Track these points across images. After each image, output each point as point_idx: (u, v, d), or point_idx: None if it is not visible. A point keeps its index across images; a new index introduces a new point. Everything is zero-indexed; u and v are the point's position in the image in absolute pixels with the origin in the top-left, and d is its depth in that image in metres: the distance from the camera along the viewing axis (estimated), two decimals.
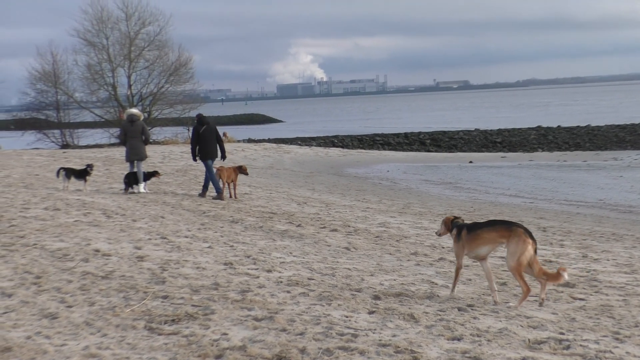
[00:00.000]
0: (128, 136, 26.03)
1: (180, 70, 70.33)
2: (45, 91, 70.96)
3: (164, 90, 70.63)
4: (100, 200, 22.09)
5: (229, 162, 31.71)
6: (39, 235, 15.11)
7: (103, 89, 71.03)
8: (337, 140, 75.08)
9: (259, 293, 10.78)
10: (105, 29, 69.75)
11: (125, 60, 69.99)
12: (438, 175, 44.79)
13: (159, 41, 70.42)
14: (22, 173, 31.47)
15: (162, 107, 70.45)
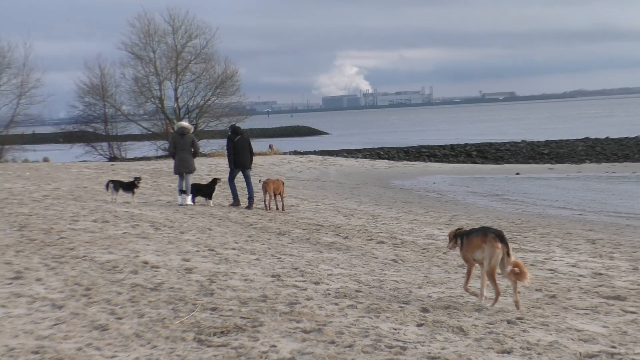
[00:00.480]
0: (178, 149, 26.24)
1: (227, 82, 70.70)
2: (93, 104, 71.82)
3: (210, 102, 71.00)
4: (148, 213, 22.24)
5: (272, 175, 31.80)
6: (89, 247, 15.24)
7: (150, 101, 71.64)
8: (382, 152, 75.00)
9: (307, 305, 10.78)
10: (152, 42, 70.41)
11: (172, 73, 70.52)
12: (485, 187, 44.54)
13: (205, 54, 70.95)
14: (71, 185, 31.78)
15: (209, 119, 70.80)
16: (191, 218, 21.54)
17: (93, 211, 21.74)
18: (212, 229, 19.16)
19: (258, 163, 51.84)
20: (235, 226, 20.42)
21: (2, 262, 13.42)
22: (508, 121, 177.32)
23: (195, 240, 16.96)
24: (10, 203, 23.78)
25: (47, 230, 17.42)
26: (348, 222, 23.27)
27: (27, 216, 20.17)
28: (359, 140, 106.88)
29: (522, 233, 22.31)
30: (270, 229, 20.09)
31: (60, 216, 20.28)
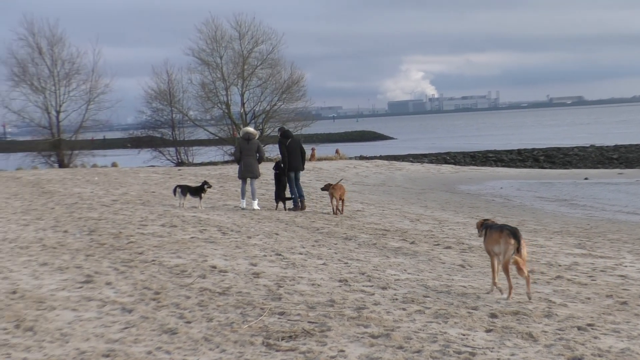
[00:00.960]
0: (243, 154, 26.34)
1: (293, 88, 70.81)
2: (161, 109, 72.44)
3: (276, 107, 71.18)
4: (215, 217, 22.38)
5: (328, 180, 31.79)
6: (157, 251, 15.38)
7: (217, 107, 72.06)
8: (449, 157, 74.64)
9: (375, 310, 10.75)
10: (219, 48, 70.71)
11: (238, 78, 70.83)
12: (552, 192, 44.03)
13: (271, 59, 71.04)
14: (139, 190, 32.13)
15: (275, 124, 70.83)
16: (258, 223, 21.63)
17: (161, 216, 21.95)
18: (279, 234, 19.21)
19: (324, 168, 51.95)
20: (302, 231, 20.45)
21: (73, 266, 13.61)
22: (576, 125, 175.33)
23: (262, 244, 17.03)
24: (80, 208, 24.13)
25: (116, 235, 17.63)
26: (415, 227, 23.17)
27: (96, 221, 20.45)
28: (424, 145, 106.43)
29: (592, 239, 21.99)
30: (337, 234, 20.08)
31: (129, 221, 20.52)
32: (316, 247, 17.23)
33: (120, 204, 25.77)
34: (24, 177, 42.42)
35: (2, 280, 12.33)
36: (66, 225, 19.58)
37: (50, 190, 31.90)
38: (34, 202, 26.19)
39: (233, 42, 71.09)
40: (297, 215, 24.49)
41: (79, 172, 47.20)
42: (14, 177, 42.89)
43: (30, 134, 75.31)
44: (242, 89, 71.19)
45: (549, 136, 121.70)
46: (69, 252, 15.22)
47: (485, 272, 15.01)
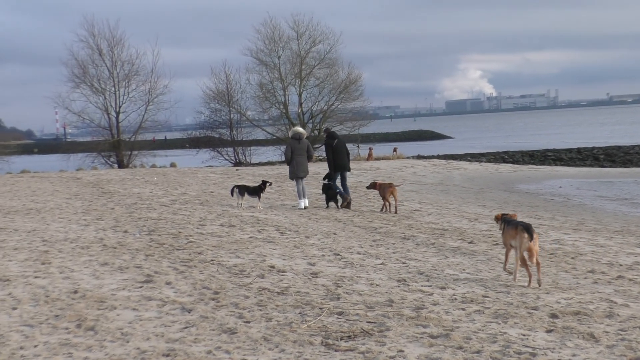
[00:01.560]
0: (295, 153, 26.65)
1: (350, 87, 70.77)
2: (219, 110, 72.80)
3: (334, 107, 71.20)
4: (273, 217, 22.46)
5: (379, 179, 31.78)
6: (216, 251, 15.47)
7: (274, 107, 72.28)
8: (507, 156, 74.09)
9: (434, 310, 10.71)
10: (277, 48, 70.97)
11: (296, 78, 70.98)
12: (613, 191, 43.48)
13: (329, 59, 71.15)
14: (198, 190, 32.35)
15: (332, 124, 70.63)
16: (316, 222, 21.66)
17: (219, 216, 22.09)
18: (336, 233, 19.22)
19: (381, 167, 51.86)
20: (360, 230, 20.44)
21: (133, 265, 13.73)
22: (637, 124, 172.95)
23: (320, 244, 17.05)
24: (140, 208, 24.36)
25: (175, 235, 17.77)
26: (473, 226, 23.03)
27: (155, 220, 20.63)
28: (482, 144, 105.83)
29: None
30: (395, 234, 20.03)
31: (188, 221, 20.67)
32: (374, 247, 17.21)
33: (179, 204, 25.97)
34: (84, 177, 42.94)
35: (64, 280, 12.48)
36: (126, 225, 19.78)
37: (110, 190, 32.25)
38: (94, 203, 26.50)
39: (291, 42, 71.39)
40: (355, 214, 24.47)
41: (138, 173, 47.67)
42: (74, 177, 43.42)
43: (90, 135, 76.21)
44: (300, 89, 71.36)
45: (609, 135, 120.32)
46: (129, 252, 15.37)
47: (545, 272, 14.88)
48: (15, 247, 16.04)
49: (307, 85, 71.66)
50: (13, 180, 42.26)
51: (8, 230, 18.91)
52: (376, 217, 24.05)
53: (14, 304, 10.81)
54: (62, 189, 33.59)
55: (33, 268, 13.53)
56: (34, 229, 19.08)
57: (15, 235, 17.95)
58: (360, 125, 71.10)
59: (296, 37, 70.83)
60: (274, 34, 70.78)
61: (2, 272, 13.06)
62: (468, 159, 69.85)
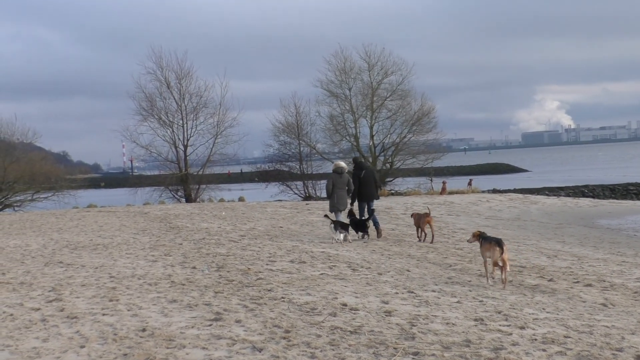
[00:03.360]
0: (336, 187, 27.75)
1: (423, 119, 70.22)
2: (288, 143, 72.36)
3: (406, 140, 70.71)
4: (344, 253, 22.42)
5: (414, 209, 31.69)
6: (286, 288, 15.47)
7: (345, 139, 71.66)
8: (587, 190, 73.16)
9: (513, 351, 10.57)
10: (348, 79, 70.79)
11: (367, 110, 70.64)
12: None
13: (401, 91, 70.59)
14: (267, 225, 32.45)
15: (405, 157, 70.57)
16: (388, 259, 21.59)
17: (289, 251, 22.12)
18: (410, 270, 19.13)
19: (455, 202, 51.53)
20: (434, 267, 20.31)
21: (202, 303, 13.79)
22: None
23: (393, 281, 16.97)
24: (208, 243, 24.50)
25: (244, 271, 17.83)
26: (552, 263, 22.75)
27: (224, 256, 20.73)
28: (561, 178, 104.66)
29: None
30: (471, 271, 19.87)
31: (257, 256, 20.74)
32: (449, 284, 17.08)
33: (248, 239, 26.08)
34: (152, 212, 43.33)
35: (132, 317, 12.57)
36: (194, 261, 19.90)
37: (178, 225, 32.51)
38: (161, 238, 26.72)
39: (362, 74, 71.14)
40: (429, 251, 24.33)
41: (206, 207, 47.99)
42: (141, 212, 43.84)
43: (157, 169, 76.60)
44: (371, 121, 70.96)
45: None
46: (197, 288, 15.45)
47: (629, 312, 14.63)
48: (83, 284, 16.24)
49: (379, 118, 71.26)
50: (80, 215, 42.82)
51: (75, 267, 19.16)
52: (451, 254, 23.89)
53: (82, 342, 10.92)
54: (130, 224, 33.94)
55: (101, 305, 13.67)
56: (101, 265, 19.31)
57: (83, 272, 18.17)
58: (434, 158, 70.58)
59: (367, 68, 70.61)
60: (344, 65, 70.74)
61: (70, 310, 13.21)
62: (546, 193, 69.10)
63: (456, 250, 25.14)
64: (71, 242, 25.68)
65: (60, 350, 10.48)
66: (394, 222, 34.54)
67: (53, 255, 22.04)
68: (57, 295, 14.78)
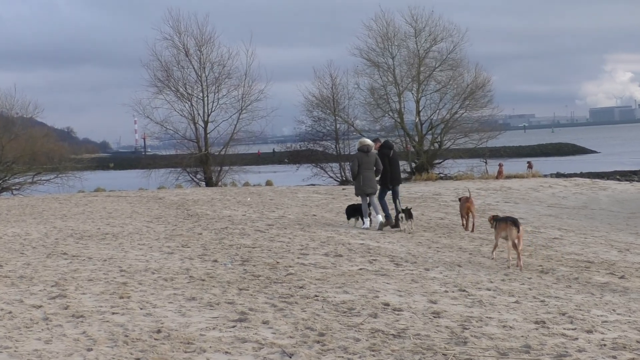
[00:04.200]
0: (362, 167, 27.57)
1: (477, 93, 69.32)
2: (323, 119, 72.04)
3: (457, 116, 69.87)
4: (386, 245, 22.42)
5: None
6: (320, 285, 15.48)
7: (387, 115, 71.02)
8: None
9: (579, 358, 10.53)
10: (391, 46, 70.14)
11: (413, 82, 70.10)
12: None
13: (452, 60, 69.90)
14: (298, 213, 32.51)
15: (455, 136, 69.76)
16: (437, 252, 21.56)
17: (324, 243, 22.14)
18: (461, 266, 19.10)
19: (513, 187, 51.37)
20: (489, 262, 20.27)
21: (224, 301, 13.82)
22: None
23: (442, 278, 16.94)
24: (231, 233, 24.57)
25: (272, 265, 17.86)
26: (624, 258, 22.67)
27: (250, 249, 20.78)
28: (634, 160, 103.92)
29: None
30: (531, 266, 19.82)
31: (287, 249, 20.77)
32: (506, 282, 17.04)
33: (276, 229, 26.12)
34: (167, 197, 43.52)
35: (145, 317, 12.62)
36: (216, 253, 19.96)
37: (197, 212, 32.62)
38: (178, 227, 26.82)
39: (407, 40, 70.41)
40: (483, 244, 24.29)
41: (229, 192, 48.13)
42: (155, 197, 44.04)
43: (173, 148, 76.14)
44: (418, 95, 70.26)
45: None
46: (219, 284, 15.49)
47: None
48: (90, 278, 16.33)
49: (427, 90, 70.58)
50: (86, 199, 43.10)
51: (81, 259, 19.26)
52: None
53: (89, 344, 10.98)
54: (142, 211, 34.11)
55: (110, 303, 13.73)
56: (110, 257, 19.41)
57: (90, 265, 18.27)
58: (489, 137, 69.84)
59: (414, 33, 69.96)
60: (387, 31, 70.08)
61: (76, 307, 13.29)
62: (617, 178, 68.71)
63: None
64: (76, 231, 25.85)
65: (65, 354, 10.54)
66: (443, 211, 34.51)
67: (56, 245, 22.18)
68: (60, 291, 14.86)
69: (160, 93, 68.62)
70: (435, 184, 52.29)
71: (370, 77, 70.88)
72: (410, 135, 69.29)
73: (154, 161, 75.38)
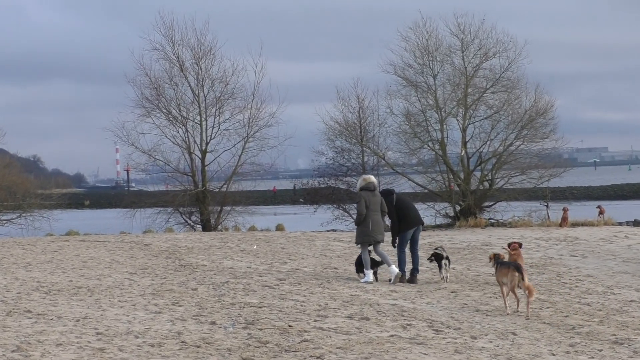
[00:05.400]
0: (370, 210, 27.97)
1: (537, 121, 67.59)
2: (348, 150, 71.66)
3: (513, 149, 68.45)
4: (424, 307, 22.41)
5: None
6: (342, 355, 15.49)
7: (427, 147, 69.59)
8: None
9: None
10: (432, 62, 68.84)
11: (458, 106, 68.70)
12: None
13: (507, 80, 68.26)
14: (316, 265, 32.53)
15: (510, 173, 68.51)
16: (486, 317, 21.54)
17: (347, 303, 22.14)
18: (516, 333, 19.08)
19: (581, 237, 51.24)
20: (550, 329, 20.25)
21: None
22: None
23: (493, 349, 16.92)
24: (233, 289, 24.61)
25: (283, 330, 17.86)
26: None
27: (256, 308, 20.81)
28: None
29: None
30: (602, 335, 19.76)
31: (302, 309, 20.77)
32: (572, 355, 17.02)
33: (289, 284, 26.13)
34: (155, 243, 43.59)
35: None
36: (214, 314, 19.98)
37: (192, 262, 32.67)
38: (168, 280, 26.85)
39: (453, 55, 68.60)
40: (543, 306, 24.26)
41: (231, 238, 48.13)
42: (140, 243, 44.11)
43: (163, 183, 76.06)
44: (464, 122, 68.75)
45: None
46: (217, 352, 15.50)
47: None
48: (59, 342, 16.34)
49: (475, 117, 69.19)
50: (55, 245, 43.17)
51: (49, 317, 19.29)
52: (574, 311, 23.79)
53: None
54: (124, 260, 34.17)
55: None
56: (84, 317, 19.43)
57: (59, 325, 18.29)
58: (551, 175, 68.66)
59: (460, 47, 68.28)
60: (428, 43, 68.54)
61: None
62: None
63: (581, 305, 25.02)
64: (43, 283, 25.88)
65: None
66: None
67: (18, 301, 22.22)
68: (23, 358, 14.89)
69: (149, 116, 68.01)
70: (484, 232, 52.25)
71: (407, 99, 69.42)
72: (454, 171, 68.26)
73: (139, 199, 74.29)
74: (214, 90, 69.06)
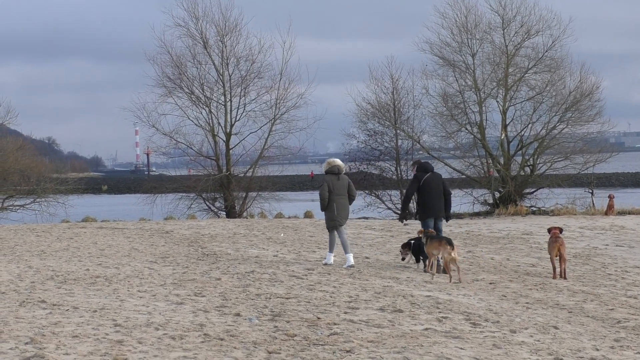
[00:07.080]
0: (334, 193, 28.81)
1: (582, 103, 66.98)
2: (381, 133, 71.45)
3: (556, 133, 68.06)
4: (460, 299, 22.36)
5: None
6: (374, 349, 15.45)
7: (464, 130, 69.74)
8: None
9: None
10: (471, 41, 68.75)
11: (498, 87, 68.57)
12: None
13: (550, 59, 68.25)
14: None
15: (553, 158, 68.01)
16: (526, 309, 21.48)
17: (379, 294, 22.10)
18: (558, 327, 19.02)
19: (627, 226, 51.02)
20: (594, 323, 20.18)
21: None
22: None
23: (533, 343, 16.88)
24: (259, 279, 24.58)
25: (311, 322, 17.84)
26: None
27: (282, 299, 20.78)
28: None
29: None
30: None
31: (331, 301, 20.74)
32: (617, 350, 16.96)
33: (317, 274, 26.10)
34: (176, 230, 43.61)
35: None
36: (238, 305, 19.96)
37: (215, 251, 32.68)
38: (190, 270, 26.84)
39: (493, 33, 68.21)
40: (587, 299, 24.19)
41: (257, 225, 48.13)
42: (161, 230, 44.15)
43: (185, 167, 75.68)
44: (504, 104, 68.29)
45: None
46: (242, 346, 15.48)
47: None
48: (75, 334, 16.33)
49: (516, 99, 68.90)
50: (72, 232, 43.22)
51: (64, 308, 19.27)
52: (620, 304, 23.70)
53: None
54: (144, 248, 34.21)
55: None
56: (102, 307, 19.44)
57: (75, 316, 18.29)
58: (597, 160, 67.95)
59: (501, 24, 68.07)
60: (467, 20, 68.13)
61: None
62: None
63: (627, 298, 24.94)
64: (59, 272, 25.92)
65: None
66: (535, 255, 34.33)
67: (32, 291, 22.24)
68: (37, 350, 14.89)
69: (170, 96, 68.17)
70: (525, 220, 52.10)
71: (443, 79, 69.26)
72: (493, 156, 67.75)
73: (159, 184, 73.87)
74: (240, 69, 68.99)
